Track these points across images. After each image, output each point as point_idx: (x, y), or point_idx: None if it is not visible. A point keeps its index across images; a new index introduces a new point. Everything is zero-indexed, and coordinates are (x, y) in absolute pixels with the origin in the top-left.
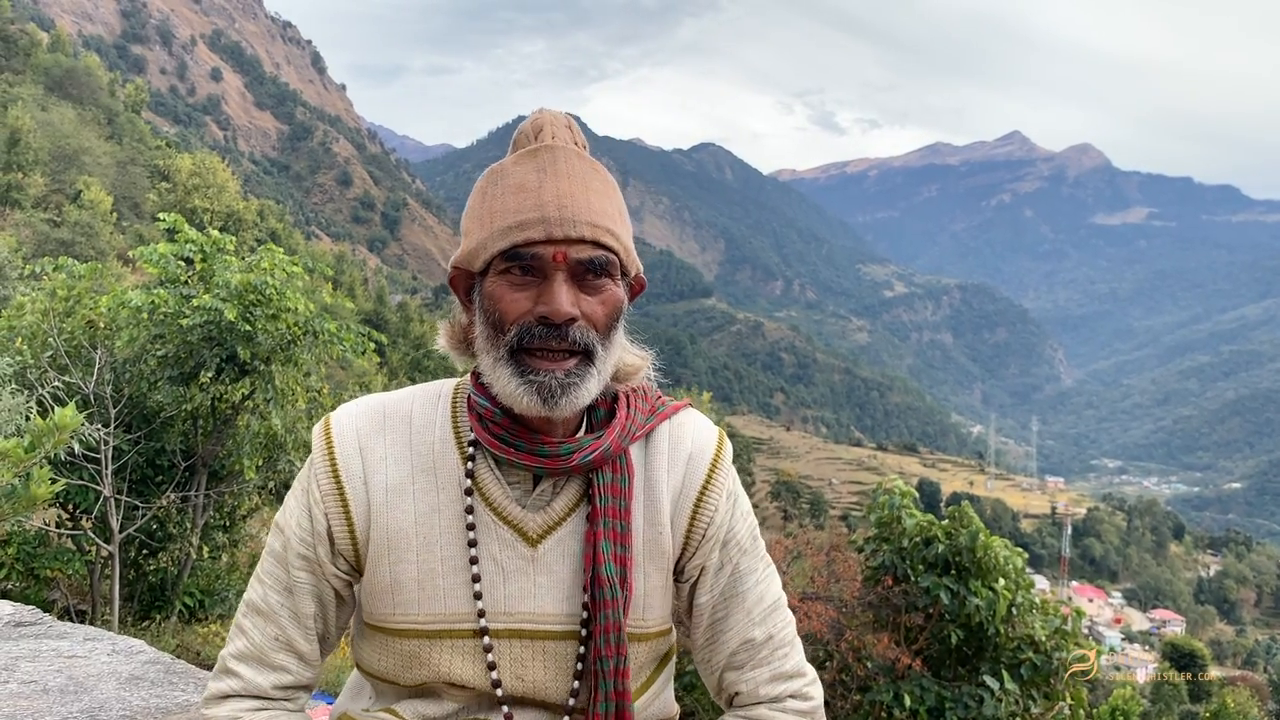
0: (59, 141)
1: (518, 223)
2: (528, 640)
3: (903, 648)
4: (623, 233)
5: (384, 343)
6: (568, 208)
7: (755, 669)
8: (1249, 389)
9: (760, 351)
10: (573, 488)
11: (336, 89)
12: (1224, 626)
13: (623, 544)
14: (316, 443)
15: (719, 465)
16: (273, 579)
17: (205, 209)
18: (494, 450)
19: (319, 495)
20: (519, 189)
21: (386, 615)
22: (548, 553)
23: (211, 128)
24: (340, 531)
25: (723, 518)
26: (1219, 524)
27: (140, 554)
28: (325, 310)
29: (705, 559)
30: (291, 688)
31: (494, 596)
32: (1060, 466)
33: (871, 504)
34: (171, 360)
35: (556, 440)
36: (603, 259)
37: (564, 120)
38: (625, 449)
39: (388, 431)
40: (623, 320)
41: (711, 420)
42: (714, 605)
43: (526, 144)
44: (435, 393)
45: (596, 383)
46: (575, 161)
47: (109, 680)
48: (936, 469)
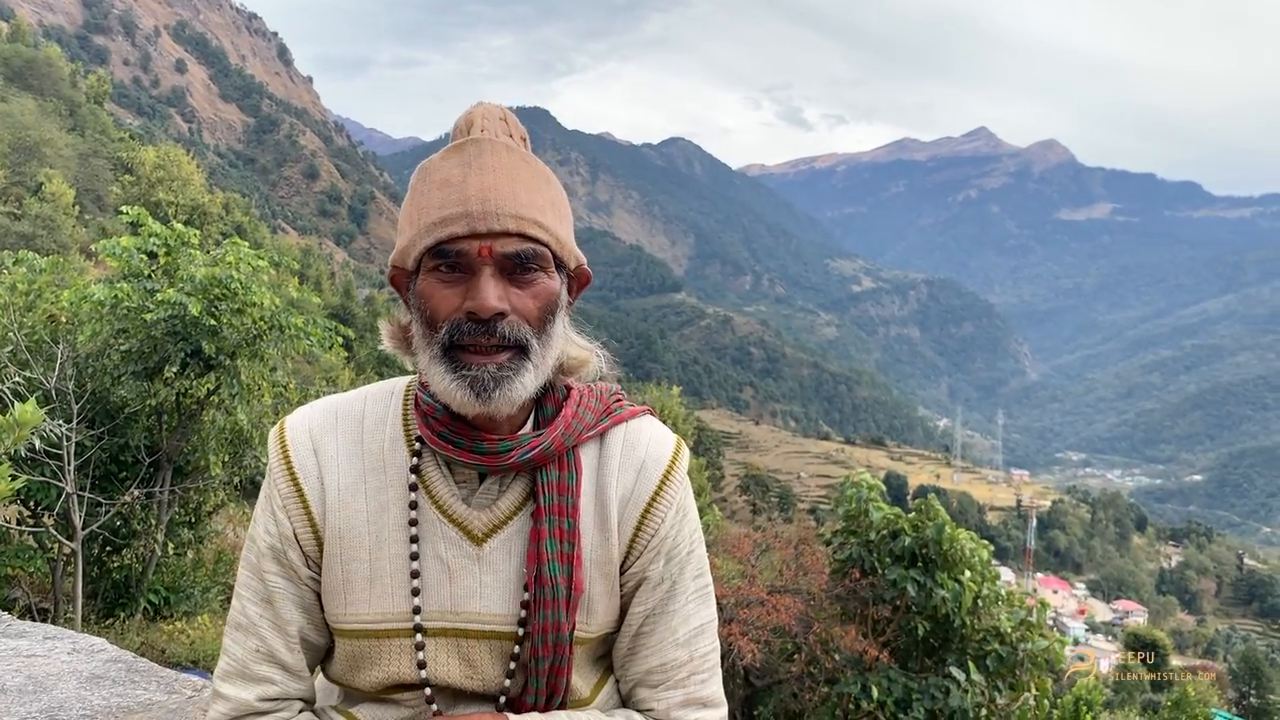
0: (19, 133)
1: (442, 218)
2: (474, 640)
3: (870, 640)
4: (554, 224)
5: (351, 337)
6: (491, 200)
7: (669, 690)
8: (1210, 383)
9: (730, 346)
10: (519, 486)
11: (303, 81)
12: (1185, 617)
13: (570, 541)
14: (272, 448)
15: (672, 475)
16: (250, 591)
17: (170, 202)
18: (435, 447)
19: (280, 499)
20: (444, 184)
21: (339, 615)
22: (493, 552)
23: (176, 120)
24: (304, 532)
25: (668, 530)
26: (1180, 516)
27: (104, 551)
28: (291, 305)
29: (645, 569)
30: (279, 699)
31: (440, 595)
32: (1025, 459)
33: (839, 497)
34: (135, 355)
35: (497, 438)
36: (529, 251)
37: (498, 112)
38: (571, 447)
39: (340, 431)
40: (561, 313)
41: (681, 414)
42: (643, 618)
43: (458, 138)
44: (388, 390)
45: (533, 376)
46: (503, 154)
47: (69, 679)
48: (903, 462)
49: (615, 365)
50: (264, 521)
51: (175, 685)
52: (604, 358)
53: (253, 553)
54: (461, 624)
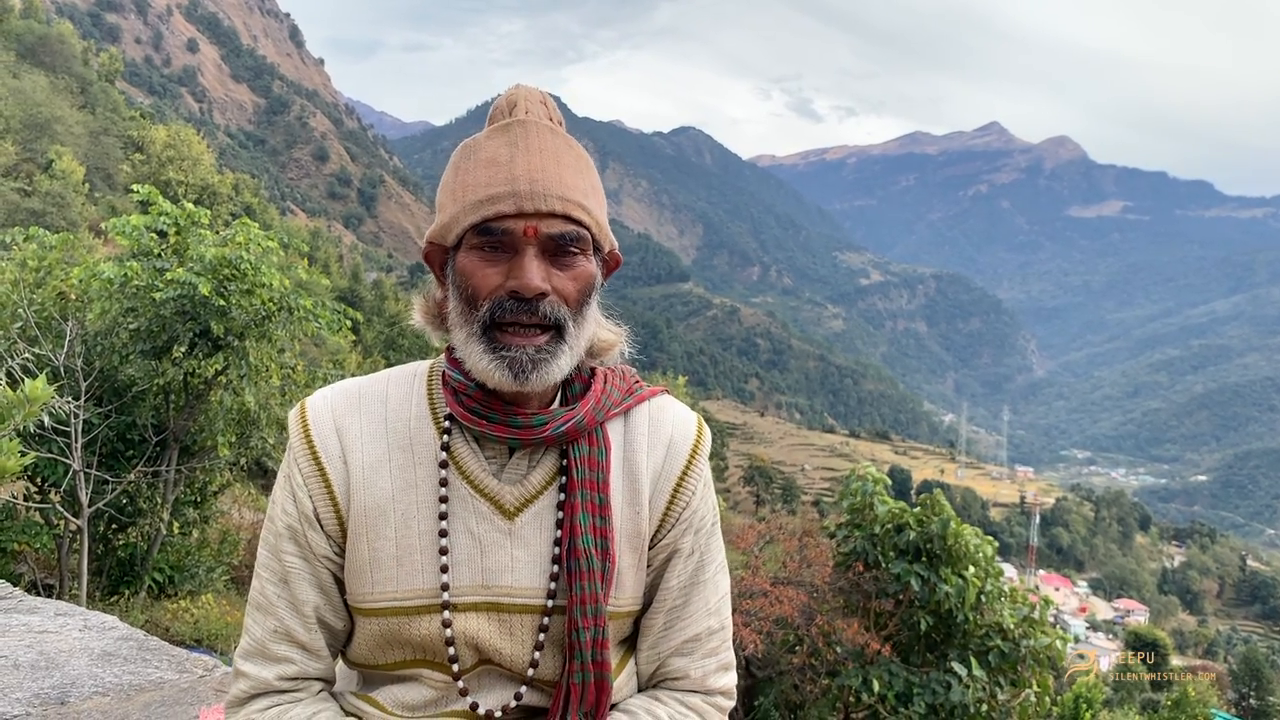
0: (31, 110)
1: (488, 196)
2: (506, 614)
3: (872, 633)
4: (595, 208)
5: (359, 320)
6: (538, 181)
7: (705, 658)
8: (1217, 383)
9: (736, 337)
10: (549, 461)
11: (314, 63)
12: (1186, 617)
13: (602, 516)
14: (293, 427)
15: (699, 451)
16: (268, 571)
17: (180, 181)
18: (467, 423)
19: (301, 479)
20: (490, 163)
21: (365, 594)
22: (525, 526)
23: (187, 99)
24: (326, 511)
25: (698, 503)
26: (1184, 516)
27: (109, 528)
28: (300, 287)
29: (677, 542)
30: (298, 678)
31: (471, 570)
32: (1030, 456)
33: (844, 490)
34: (144, 334)
35: (530, 412)
36: (574, 233)
37: (539, 96)
38: (600, 423)
39: (363, 411)
40: (596, 295)
41: (687, 404)
42: (679, 589)
43: (501, 119)
44: (411, 372)
45: (568, 358)
46: (548, 136)
47: (81, 656)
48: (908, 457)
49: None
50: (283, 501)
51: (186, 664)
52: (628, 342)
53: (271, 533)
54: (494, 598)
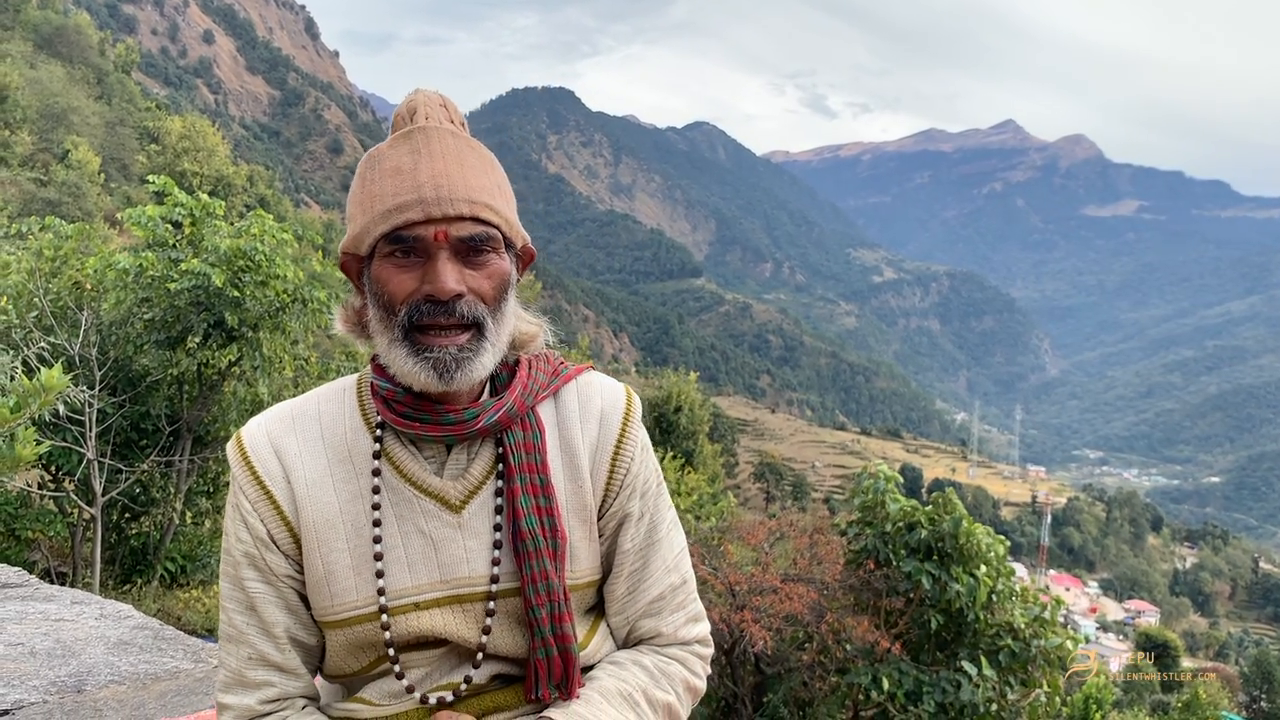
0: (47, 100)
1: (396, 205)
2: (468, 604)
3: (882, 631)
4: (502, 206)
5: None
6: (444, 187)
7: (674, 613)
8: (1231, 384)
9: (748, 333)
10: (487, 452)
11: (329, 55)
12: (1198, 619)
13: (545, 495)
14: (232, 457)
15: (630, 418)
16: (233, 602)
17: (194, 173)
18: (401, 428)
19: (249, 504)
20: (395, 172)
21: (327, 607)
22: (472, 517)
23: (202, 91)
24: (279, 531)
25: (639, 468)
26: (1197, 517)
27: (122, 517)
28: (314, 279)
29: (625, 507)
30: (280, 699)
31: (429, 567)
32: (1042, 456)
33: (856, 488)
34: (158, 324)
35: (460, 407)
36: (483, 234)
37: (439, 99)
38: (531, 407)
39: (298, 430)
40: (512, 291)
41: (697, 400)
42: (635, 552)
43: (402, 126)
44: (340, 388)
45: (491, 355)
46: (449, 140)
47: (97, 644)
48: (919, 455)
49: (633, 349)
50: (235, 530)
51: (201, 654)
52: (549, 331)
53: (230, 564)
54: (454, 590)
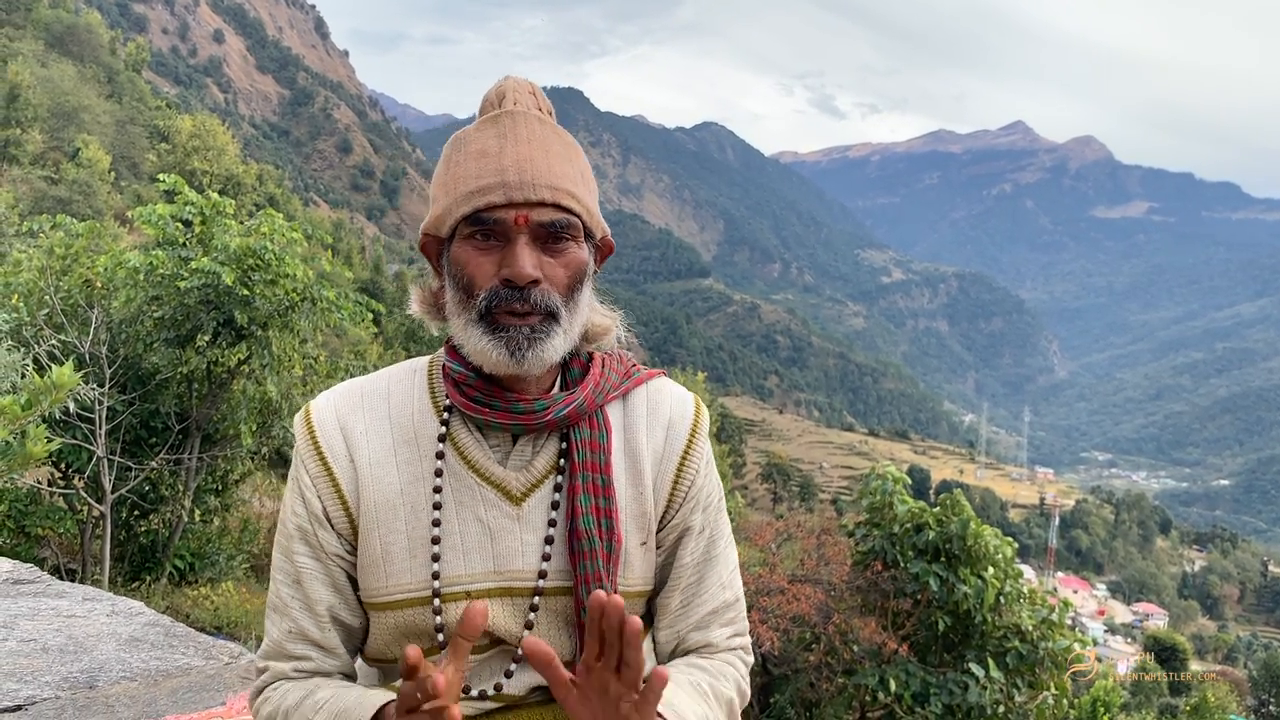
0: (58, 98)
1: (479, 188)
2: (518, 598)
3: (890, 633)
4: (584, 195)
5: (381, 312)
6: (527, 171)
7: (723, 627)
8: (1241, 387)
9: (756, 333)
10: (552, 446)
11: (339, 55)
12: (1206, 622)
13: (605, 496)
14: (299, 430)
15: (698, 430)
16: (282, 573)
17: (204, 172)
18: (470, 413)
19: (309, 479)
20: (480, 154)
21: (379, 588)
22: (532, 510)
23: (212, 90)
24: (335, 509)
25: (703, 480)
26: (1206, 520)
27: (132, 515)
28: (323, 278)
29: (686, 520)
30: (315, 673)
31: (483, 556)
32: (1050, 458)
33: (864, 489)
34: (168, 322)
35: (530, 398)
36: (564, 221)
37: (527, 86)
38: (600, 406)
39: (366, 409)
40: (588, 281)
41: (705, 400)
42: (693, 566)
43: (490, 110)
44: (411, 368)
45: (563, 340)
46: (536, 126)
47: (109, 641)
48: (927, 456)
49: (640, 348)
50: (292, 503)
51: (212, 651)
52: (622, 325)
53: (283, 535)
54: (506, 583)
